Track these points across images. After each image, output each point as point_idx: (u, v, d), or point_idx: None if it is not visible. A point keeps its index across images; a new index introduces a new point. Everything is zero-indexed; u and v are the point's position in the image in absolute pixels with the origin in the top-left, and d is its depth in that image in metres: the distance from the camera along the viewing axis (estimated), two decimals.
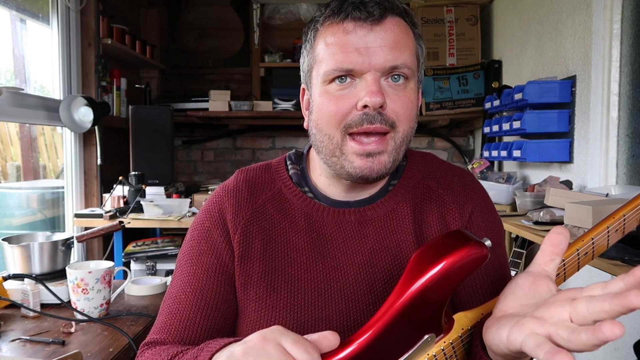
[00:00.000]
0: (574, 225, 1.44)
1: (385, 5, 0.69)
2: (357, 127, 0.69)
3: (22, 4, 2.22)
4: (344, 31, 0.69)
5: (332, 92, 0.70)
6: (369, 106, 0.67)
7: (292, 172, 0.82)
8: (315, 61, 0.73)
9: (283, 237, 0.77)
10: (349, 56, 0.68)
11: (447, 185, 0.80)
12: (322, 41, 0.71)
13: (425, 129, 3.38)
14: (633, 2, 1.75)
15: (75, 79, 2.43)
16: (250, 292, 0.75)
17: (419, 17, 2.93)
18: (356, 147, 0.69)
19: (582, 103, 1.95)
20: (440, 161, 0.85)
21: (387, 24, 0.69)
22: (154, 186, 2.56)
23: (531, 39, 2.42)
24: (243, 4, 3.39)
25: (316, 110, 0.74)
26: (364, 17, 0.68)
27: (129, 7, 3.13)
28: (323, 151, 0.74)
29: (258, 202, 0.79)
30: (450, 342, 0.60)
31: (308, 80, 0.76)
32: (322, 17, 0.72)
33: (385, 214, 0.77)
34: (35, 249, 1.41)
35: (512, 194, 2.35)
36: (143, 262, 2.36)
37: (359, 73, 0.68)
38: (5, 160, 2.21)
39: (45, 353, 1.08)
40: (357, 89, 0.69)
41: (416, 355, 0.59)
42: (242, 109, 2.98)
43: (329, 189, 0.79)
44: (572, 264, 0.65)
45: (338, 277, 0.74)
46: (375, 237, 0.76)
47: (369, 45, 0.68)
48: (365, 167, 0.70)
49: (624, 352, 1.69)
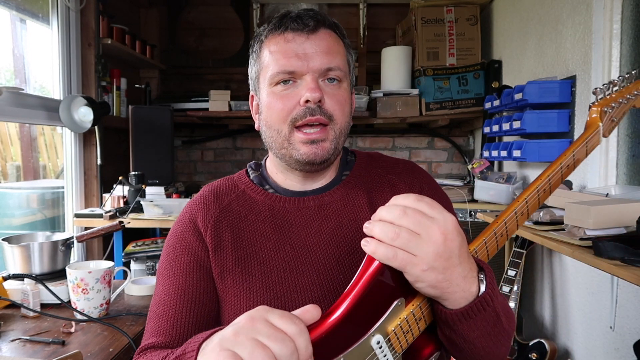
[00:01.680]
0: (574, 225, 1.44)
1: (318, 19, 0.82)
2: (301, 120, 0.80)
3: (22, 4, 2.22)
4: (285, 40, 0.82)
5: (278, 92, 0.82)
6: (310, 100, 0.79)
7: (252, 176, 0.93)
8: (261, 68, 0.85)
9: (250, 227, 0.85)
10: (290, 61, 0.80)
11: (394, 172, 0.93)
12: (266, 50, 0.84)
13: (425, 129, 3.38)
14: (633, 2, 1.75)
15: (75, 79, 2.43)
16: (227, 279, 0.82)
17: (418, 17, 2.93)
18: (302, 137, 0.81)
19: (582, 103, 1.95)
20: (384, 156, 0.98)
21: (320, 34, 0.82)
22: (154, 186, 2.56)
23: (531, 39, 2.42)
24: (243, 4, 3.39)
25: (265, 109, 0.85)
26: (300, 27, 0.81)
27: (129, 7, 3.13)
28: (273, 145, 0.85)
29: (224, 203, 0.89)
30: (417, 304, 0.65)
31: (256, 85, 0.88)
32: (265, 30, 0.85)
33: (341, 197, 0.88)
34: (35, 249, 1.41)
35: (512, 194, 2.35)
36: (143, 262, 2.36)
37: (299, 75, 0.81)
38: (5, 160, 2.21)
39: (45, 353, 1.08)
40: (298, 88, 0.81)
41: (389, 319, 0.64)
42: (242, 109, 2.98)
43: (285, 182, 0.90)
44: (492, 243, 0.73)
45: (305, 254, 0.82)
46: (335, 217, 0.86)
47: (307, 51, 0.81)
48: (311, 152, 0.81)
49: (624, 352, 1.69)
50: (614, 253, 1.22)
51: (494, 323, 0.67)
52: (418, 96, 2.89)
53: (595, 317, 1.88)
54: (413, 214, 0.60)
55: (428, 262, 0.60)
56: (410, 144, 3.43)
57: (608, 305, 1.77)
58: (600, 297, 1.84)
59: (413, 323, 0.66)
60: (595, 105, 0.84)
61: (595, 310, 1.88)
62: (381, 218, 0.62)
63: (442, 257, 0.60)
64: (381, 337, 0.64)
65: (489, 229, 0.72)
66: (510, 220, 0.73)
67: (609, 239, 1.27)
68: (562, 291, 2.16)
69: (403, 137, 3.42)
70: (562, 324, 2.17)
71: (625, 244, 1.22)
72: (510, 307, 0.78)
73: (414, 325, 0.66)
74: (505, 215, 0.73)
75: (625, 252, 1.21)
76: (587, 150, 0.82)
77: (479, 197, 2.55)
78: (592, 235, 1.36)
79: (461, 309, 0.63)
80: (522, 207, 0.74)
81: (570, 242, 1.42)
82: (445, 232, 0.60)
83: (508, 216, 0.73)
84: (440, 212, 0.61)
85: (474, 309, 0.64)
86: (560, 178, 0.78)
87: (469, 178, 3.07)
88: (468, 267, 0.63)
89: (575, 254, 1.36)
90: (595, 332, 1.88)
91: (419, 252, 0.60)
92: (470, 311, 0.64)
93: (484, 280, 0.64)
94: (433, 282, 0.61)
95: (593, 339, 1.91)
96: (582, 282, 1.99)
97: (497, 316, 0.67)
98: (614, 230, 1.35)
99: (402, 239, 0.60)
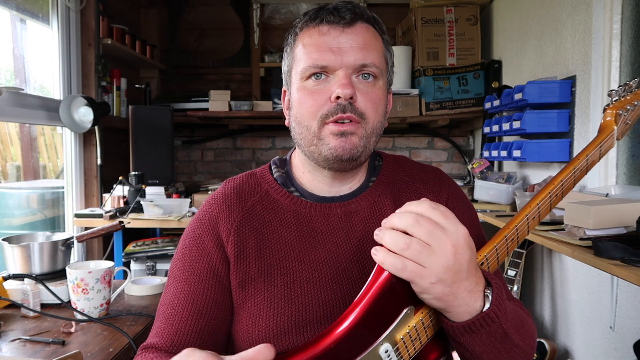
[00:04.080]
0: (574, 225, 1.44)
1: (356, 12, 0.79)
2: (332, 116, 0.76)
3: (22, 4, 2.21)
4: (319, 33, 0.78)
5: (309, 87, 0.78)
6: (341, 97, 0.75)
7: (276, 175, 0.88)
8: (294, 62, 0.81)
9: (275, 234, 0.82)
10: (323, 54, 0.77)
11: (421, 179, 0.89)
12: (300, 43, 0.80)
13: (425, 129, 3.38)
14: (633, 2, 1.75)
15: (75, 79, 2.43)
16: (248, 289, 0.79)
17: (418, 17, 2.93)
18: (332, 128, 0.77)
19: (582, 103, 1.95)
20: (411, 161, 0.94)
21: (357, 28, 0.78)
22: (154, 186, 2.56)
23: (531, 39, 2.42)
24: (243, 4, 3.39)
25: (295, 105, 0.81)
26: (336, 20, 0.77)
27: (129, 7, 3.13)
28: (302, 142, 0.81)
29: (247, 205, 0.85)
30: (427, 312, 0.65)
31: (288, 80, 0.84)
32: (301, 23, 0.81)
33: (368, 205, 0.84)
34: (35, 249, 1.41)
35: (512, 194, 2.35)
36: (143, 262, 2.36)
37: (332, 70, 0.77)
38: (5, 160, 2.21)
39: (45, 353, 1.08)
40: (330, 84, 0.77)
41: (398, 328, 0.64)
42: (242, 109, 2.98)
43: (312, 184, 0.86)
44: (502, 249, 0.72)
45: (330, 265, 0.79)
46: (362, 227, 0.82)
47: (341, 45, 0.77)
48: (339, 146, 0.77)
49: (624, 352, 1.69)
50: (614, 253, 1.22)
51: (502, 339, 0.65)
52: (418, 96, 2.89)
53: (595, 317, 1.88)
54: (425, 224, 0.59)
55: (437, 274, 0.59)
56: (410, 144, 3.43)
57: (608, 305, 1.77)
58: (600, 297, 1.84)
59: (422, 331, 0.65)
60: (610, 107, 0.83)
61: (595, 310, 1.88)
62: (392, 226, 0.61)
63: (451, 271, 0.60)
64: (390, 345, 0.63)
65: (500, 235, 0.71)
66: (521, 226, 0.72)
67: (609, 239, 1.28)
68: (562, 291, 2.16)
69: (403, 137, 3.42)
70: (562, 324, 2.17)
71: (625, 244, 1.22)
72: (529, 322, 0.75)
73: (423, 333, 0.65)
74: (516, 221, 0.71)
75: (625, 252, 1.21)
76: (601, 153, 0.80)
77: (479, 197, 2.55)
78: (592, 235, 1.36)
79: (463, 322, 0.63)
80: (534, 212, 0.73)
81: (570, 242, 1.42)
82: (457, 245, 0.60)
83: (520, 222, 0.71)
84: (453, 223, 0.61)
85: (476, 324, 0.63)
86: (573, 182, 0.77)
87: (469, 178, 3.07)
88: (475, 282, 0.62)
89: (575, 254, 1.36)
90: (595, 332, 1.88)
91: (429, 264, 0.59)
92: (473, 326, 0.63)
93: (490, 297, 0.63)
94: (439, 295, 0.60)
95: (593, 339, 1.91)
96: (582, 282, 1.99)
97: (505, 333, 0.65)
98: (614, 230, 1.35)
99: (412, 250, 0.59)
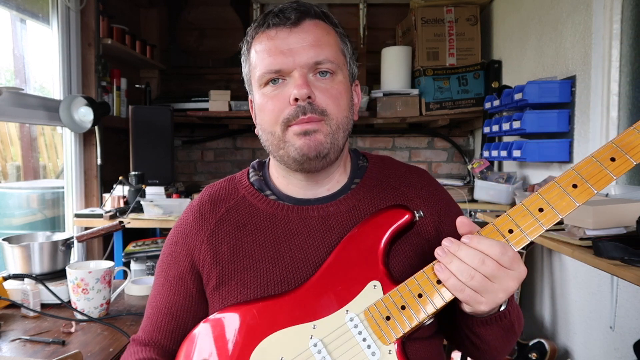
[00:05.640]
0: (574, 225, 1.44)
1: (302, 10, 0.78)
2: (293, 120, 0.76)
3: (22, 4, 2.21)
4: (268, 37, 0.78)
5: (268, 93, 0.79)
6: (299, 98, 0.75)
7: (253, 180, 0.89)
8: (251, 69, 0.82)
9: (249, 237, 0.82)
10: (275, 58, 0.76)
11: (408, 183, 0.87)
12: (253, 50, 0.80)
13: (425, 129, 3.38)
14: (633, 2, 1.75)
15: (75, 79, 2.43)
16: (222, 291, 0.81)
17: (418, 17, 2.93)
18: (295, 129, 0.77)
19: (582, 103, 1.95)
20: (397, 162, 0.93)
21: (305, 26, 0.77)
22: (154, 186, 2.56)
23: (531, 39, 2.42)
24: (243, 4, 3.39)
25: (258, 113, 0.82)
26: (282, 22, 0.77)
27: (129, 7, 3.13)
28: (271, 148, 0.81)
29: (221, 211, 0.86)
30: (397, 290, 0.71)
31: (250, 89, 0.85)
32: (251, 30, 0.81)
33: (347, 210, 0.83)
34: (35, 249, 1.41)
35: (512, 194, 2.35)
36: (143, 262, 2.35)
37: (287, 72, 0.77)
38: (5, 160, 2.21)
39: (45, 353, 1.08)
40: (287, 87, 0.77)
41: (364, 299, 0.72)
42: (242, 109, 2.98)
43: (288, 188, 0.86)
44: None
45: (305, 267, 0.79)
46: (339, 230, 0.81)
47: (291, 46, 0.76)
48: (305, 144, 0.76)
49: (624, 352, 1.69)
50: (614, 253, 1.22)
51: (509, 329, 0.74)
52: (418, 96, 2.89)
53: (595, 317, 1.88)
54: (491, 265, 0.64)
55: (492, 304, 0.66)
56: (410, 144, 3.43)
57: (608, 305, 1.77)
58: (600, 297, 1.84)
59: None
60: None
61: (595, 310, 1.88)
62: (460, 258, 0.65)
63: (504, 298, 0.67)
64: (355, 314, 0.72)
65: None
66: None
67: (609, 239, 1.28)
68: (562, 291, 2.16)
69: (403, 137, 3.42)
70: (562, 324, 2.17)
71: (625, 244, 1.22)
72: (520, 310, 0.83)
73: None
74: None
75: (625, 252, 1.21)
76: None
77: (478, 197, 2.55)
78: (592, 235, 1.36)
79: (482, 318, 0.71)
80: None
81: (570, 242, 1.42)
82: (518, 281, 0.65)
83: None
84: (518, 265, 0.65)
85: (492, 319, 0.71)
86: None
87: (469, 178, 3.07)
88: None
89: (575, 254, 1.36)
90: (595, 332, 1.88)
91: (487, 295, 0.65)
92: (489, 320, 0.71)
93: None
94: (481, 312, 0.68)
95: (593, 339, 1.91)
96: (582, 282, 1.99)
97: (512, 324, 0.74)
98: (614, 230, 1.35)
99: (475, 282, 0.64)
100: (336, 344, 0.70)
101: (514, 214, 0.68)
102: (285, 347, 0.71)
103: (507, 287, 0.65)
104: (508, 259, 0.64)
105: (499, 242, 0.64)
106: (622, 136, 0.68)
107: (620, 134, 0.68)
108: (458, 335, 0.80)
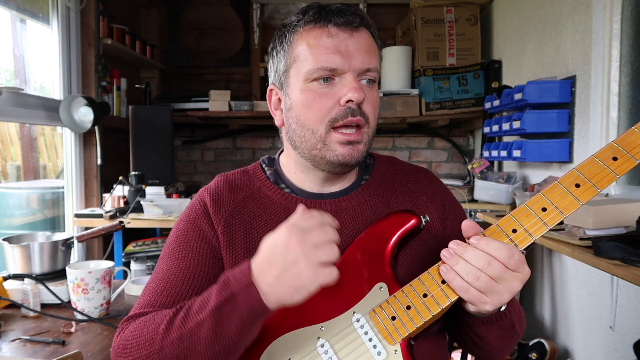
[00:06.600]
0: (574, 225, 1.44)
1: (362, 16, 0.79)
2: (341, 120, 0.77)
3: (22, 4, 2.21)
4: (328, 35, 0.77)
5: (315, 89, 0.78)
6: (353, 101, 0.76)
7: (268, 173, 0.89)
8: (294, 61, 0.79)
9: (263, 227, 0.83)
10: (332, 57, 0.76)
11: (414, 180, 0.90)
12: (303, 43, 0.78)
13: (425, 129, 3.38)
14: (633, 2, 1.75)
15: (75, 79, 2.43)
16: None
17: (418, 17, 2.93)
18: (340, 137, 0.78)
19: (582, 103, 1.95)
20: (402, 161, 0.95)
21: (362, 32, 0.79)
22: (154, 186, 2.56)
23: (531, 39, 2.42)
24: (243, 4, 3.39)
25: (298, 107, 0.80)
26: (345, 23, 0.77)
27: (129, 7, 3.13)
28: (303, 145, 0.81)
29: (239, 198, 0.86)
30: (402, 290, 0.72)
31: (284, 80, 0.82)
32: (301, 21, 0.80)
33: (359, 204, 0.85)
34: (35, 249, 1.41)
35: (512, 194, 2.35)
36: (143, 262, 2.36)
37: (339, 73, 0.77)
38: (5, 160, 2.21)
39: (45, 353, 1.08)
40: (338, 87, 0.77)
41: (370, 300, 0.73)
42: (242, 109, 2.98)
43: (304, 183, 0.87)
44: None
45: None
46: (351, 223, 0.83)
47: (349, 48, 0.77)
48: (347, 154, 0.78)
49: (624, 352, 1.69)
50: (614, 253, 1.23)
51: (509, 329, 0.76)
52: (418, 96, 2.89)
53: (595, 317, 1.88)
54: (497, 267, 0.65)
55: (497, 304, 0.67)
56: (410, 144, 3.43)
57: (608, 305, 1.77)
58: (600, 297, 1.84)
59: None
60: None
61: (595, 310, 1.88)
62: (467, 260, 0.66)
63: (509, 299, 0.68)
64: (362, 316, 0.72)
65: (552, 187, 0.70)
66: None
67: (609, 239, 1.28)
68: (562, 291, 2.16)
69: (403, 137, 3.42)
70: (562, 324, 2.17)
71: (625, 244, 1.22)
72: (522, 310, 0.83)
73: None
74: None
75: (625, 252, 1.21)
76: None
77: (478, 197, 2.55)
78: (592, 235, 1.36)
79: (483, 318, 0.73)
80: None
81: (570, 242, 1.42)
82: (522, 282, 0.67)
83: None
84: (523, 267, 0.67)
85: (493, 319, 0.73)
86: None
87: (469, 178, 3.07)
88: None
89: (575, 253, 1.36)
90: (595, 332, 1.88)
91: (492, 296, 0.66)
92: (490, 320, 0.73)
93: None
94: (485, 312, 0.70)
95: (593, 339, 1.91)
96: (582, 282, 1.99)
97: (512, 324, 0.75)
98: (614, 230, 1.35)
99: (480, 283, 0.66)
100: (343, 344, 0.71)
101: (517, 214, 0.69)
102: (293, 348, 0.72)
103: (511, 288, 0.66)
104: (514, 262, 0.65)
105: (506, 245, 0.66)
106: (623, 137, 0.68)
107: (621, 135, 0.69)
108: (460, 333, 0.81)
